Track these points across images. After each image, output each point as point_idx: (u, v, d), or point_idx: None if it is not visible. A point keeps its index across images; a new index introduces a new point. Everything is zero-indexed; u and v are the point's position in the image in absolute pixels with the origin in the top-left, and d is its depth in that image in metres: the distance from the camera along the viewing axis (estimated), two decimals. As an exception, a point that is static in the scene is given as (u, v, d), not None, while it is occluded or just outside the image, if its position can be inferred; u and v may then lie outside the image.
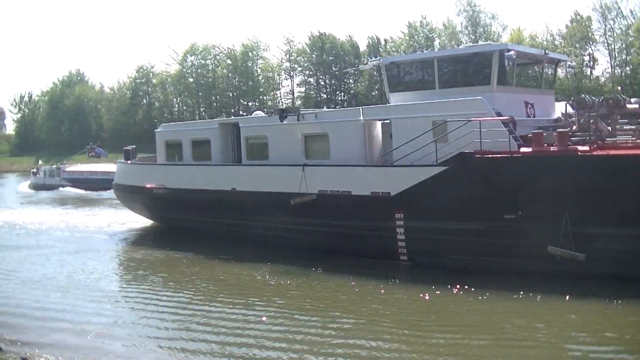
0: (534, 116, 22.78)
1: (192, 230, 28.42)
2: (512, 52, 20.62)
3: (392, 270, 19.91)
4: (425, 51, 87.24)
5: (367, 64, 29.84)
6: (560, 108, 23.98)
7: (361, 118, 22.90)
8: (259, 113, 32.50)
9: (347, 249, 22.07)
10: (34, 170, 73.90)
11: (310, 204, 22.81)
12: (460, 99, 20.81)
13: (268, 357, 13.21)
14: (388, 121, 22.70)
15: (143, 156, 37.53)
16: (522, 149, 19.03)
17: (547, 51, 25.63)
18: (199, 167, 28.58)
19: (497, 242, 18.66)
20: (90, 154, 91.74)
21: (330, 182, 22.76)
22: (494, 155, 18.95)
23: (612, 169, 17.50)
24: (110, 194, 53.09)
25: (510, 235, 18.31)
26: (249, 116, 30.16)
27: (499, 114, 19.81)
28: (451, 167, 19.47)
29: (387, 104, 24.28)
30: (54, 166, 71.85)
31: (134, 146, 35.69)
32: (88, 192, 60.14)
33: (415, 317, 15.62)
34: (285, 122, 24.54)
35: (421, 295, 17.06)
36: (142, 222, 33.97)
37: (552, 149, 18.71)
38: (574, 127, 20.69)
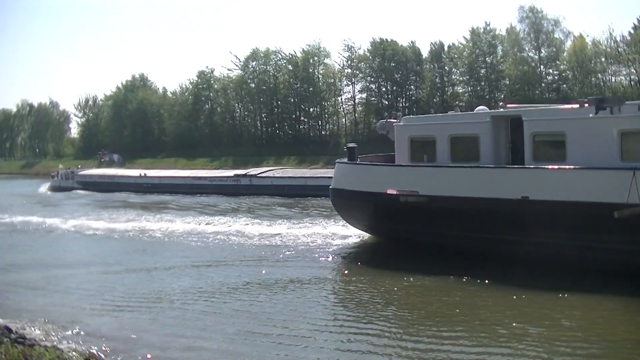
0: None
1: (448, 248, 23.69)
2: None
3: None
4: (487, 58, 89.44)
5: None
6: None
7: None
8: (484, 108, 27.53)
9: None
10: (53, 174, 79.80)
11: None
12: None
13: None
14: None
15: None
16: None
17: None
18: (471, 169, 23.74)
19: None
20: (102, 159, 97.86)
21: None
22: None
23: None
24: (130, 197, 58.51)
25: None
26: (535, 107, 25.16)
27: None
28: None
29: None
30: (69, 170, 78.00)
31: (355, 145, 31.01)
32: (103, 194, 65.59)
33: None
34: (598, 115, 20.64)
35: None
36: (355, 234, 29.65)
37: None
38: None
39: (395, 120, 29.04)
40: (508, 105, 26.66)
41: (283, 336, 15.86)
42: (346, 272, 23.15)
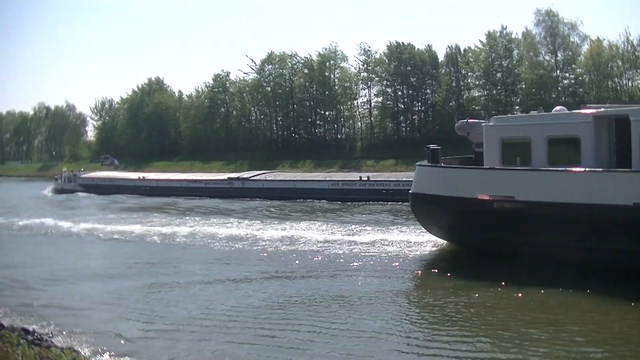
0: None
1: (548, 257, 22.05)
2: None
3: None
4: (503, 62, 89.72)
5: None
6: None
7: None
8: (562, 109, 26.37)
9: None
10: (56, 176, 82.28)
11: None
12: None
13: None
14: None
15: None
16: None
17: None
18: (577, 173, 22.14)
19: None
20: (103, 163, 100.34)
21: None
22: None
23: None
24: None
25: None
26: None
27: None
28: None
29: None
30: (71, 173, 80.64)
31: (439, 146, 28.47)
32: (103, 195, 68.75)
33: None
34: None
35: None
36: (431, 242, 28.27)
37: None
38: None
39: (476, 120, 28.04)
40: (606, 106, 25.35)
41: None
42: (430, 284, 21.88)
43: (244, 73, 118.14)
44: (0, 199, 66.47)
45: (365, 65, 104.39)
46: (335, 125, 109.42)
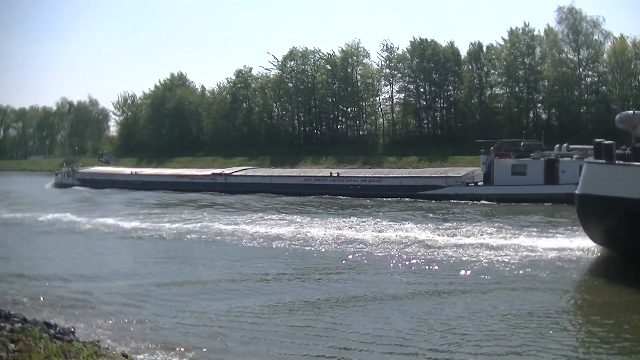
0: None
1: None
2: None
3: None
4: (526, 59, 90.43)
5: None
6: None
7: None
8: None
9: None
10: (57, 172, 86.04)
11: None
12: None
13: None
14: None
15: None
16: None
17: None
18: None
19: None
20: (100, 159, 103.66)
21: None
22: None
23: None
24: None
25: None
26: None
27: None
28: None
29: None
30: (70, 168, 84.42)
31: (612, 141, 24.17)
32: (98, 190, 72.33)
33: None
34: None
35: None
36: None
37: None
38: None
39: None
40: None
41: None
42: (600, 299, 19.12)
43: (266, 69, 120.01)
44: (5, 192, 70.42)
45: (387, 62, 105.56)
46: (357, 122, 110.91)
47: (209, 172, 73.40)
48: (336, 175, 61.01)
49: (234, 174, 69.27)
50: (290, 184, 61.65)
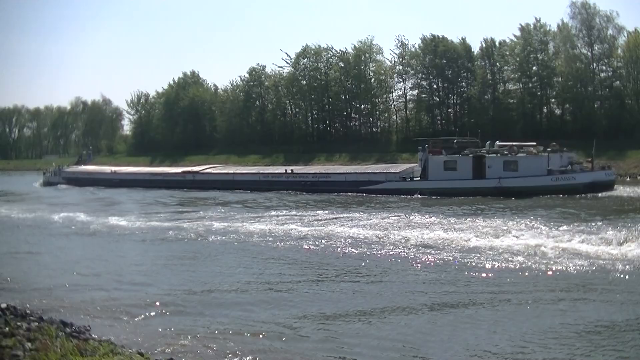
0: None
1: None
2: None
3: None
4: (539, 55, 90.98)
5: None
6: None
7: None
8: None
9: None
10: (44, 170, 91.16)
11: None
12: None
13: None
14: None
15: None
16: None
17: None
18: None
19: None
20: (80, 158, 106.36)
21: None
22: None
23: None
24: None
25: None
26: None
27: None
28: None
29: None
30: (57, 167, 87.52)
31: None
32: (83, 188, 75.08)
33: None
34: None
35: None
36: None
37: None
38: None
39: None
40: None
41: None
42: None
43: (279, 67, 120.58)
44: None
45: (400, 59, 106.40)
46: (371, 119, 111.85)
47: (179, 169, 78.29)
48: (290, 172, 65.40)
49: (202, 171, 73.57)
50: (249, 181, 66.09)
